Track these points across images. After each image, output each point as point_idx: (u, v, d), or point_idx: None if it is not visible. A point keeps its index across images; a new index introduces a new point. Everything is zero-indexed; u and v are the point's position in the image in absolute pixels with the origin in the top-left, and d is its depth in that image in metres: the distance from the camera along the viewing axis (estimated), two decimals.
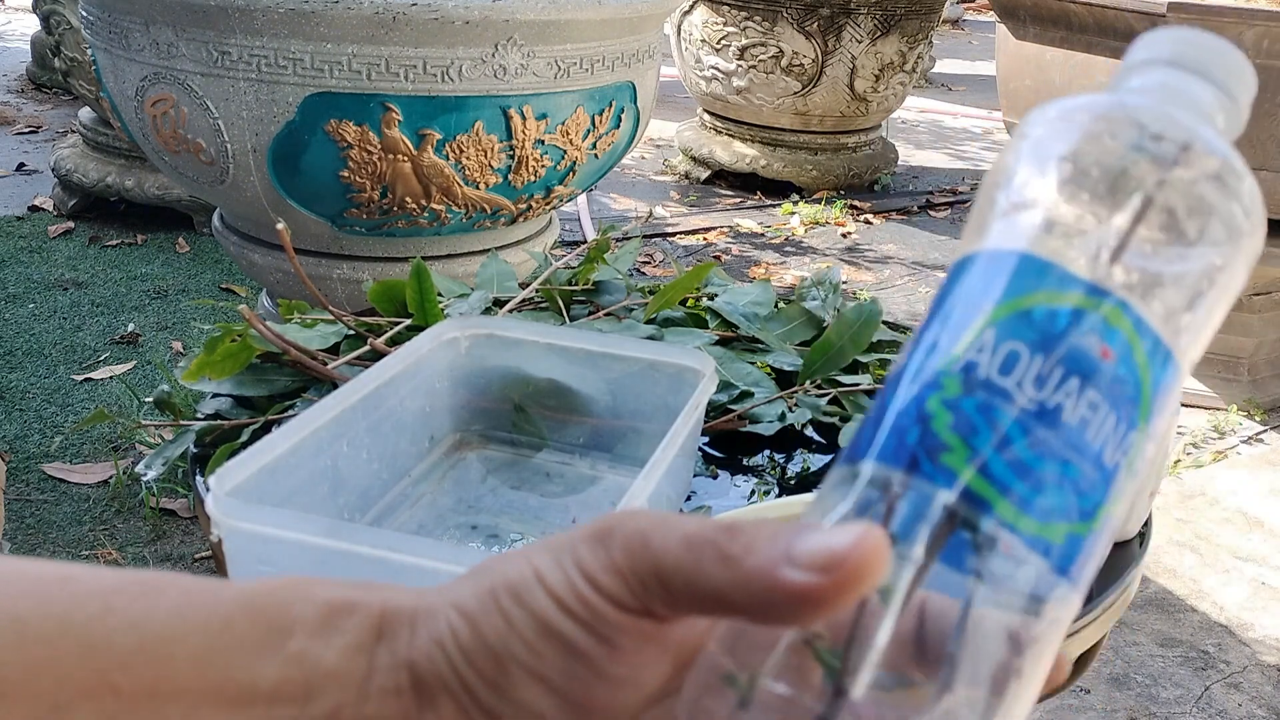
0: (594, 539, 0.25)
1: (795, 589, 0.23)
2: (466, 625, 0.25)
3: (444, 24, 1.56)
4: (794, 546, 0.23)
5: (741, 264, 3.00)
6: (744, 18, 3.44)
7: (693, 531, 0.24)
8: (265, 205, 1.72)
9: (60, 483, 1.83)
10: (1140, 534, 0.84)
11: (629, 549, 0.25)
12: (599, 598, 0.25)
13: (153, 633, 0.26)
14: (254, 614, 0.26)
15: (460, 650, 0.25)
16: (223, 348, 0.84)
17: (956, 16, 7.70)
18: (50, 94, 4.28)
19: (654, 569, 0.24)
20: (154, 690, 0.25)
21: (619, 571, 0.25)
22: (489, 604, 0.25)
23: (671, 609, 0.25)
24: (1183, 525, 1.95)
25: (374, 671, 0.26)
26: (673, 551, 0.24)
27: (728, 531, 0.24)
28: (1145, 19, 2.11)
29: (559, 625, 0.25)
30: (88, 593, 0.26)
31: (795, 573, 0.23)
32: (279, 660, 0.26)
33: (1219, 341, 2.38)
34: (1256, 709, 1.53)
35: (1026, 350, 0.24)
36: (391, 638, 0.26)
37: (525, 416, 0.82)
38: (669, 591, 0.24)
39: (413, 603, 0.27)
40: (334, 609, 0.26)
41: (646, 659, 0.26)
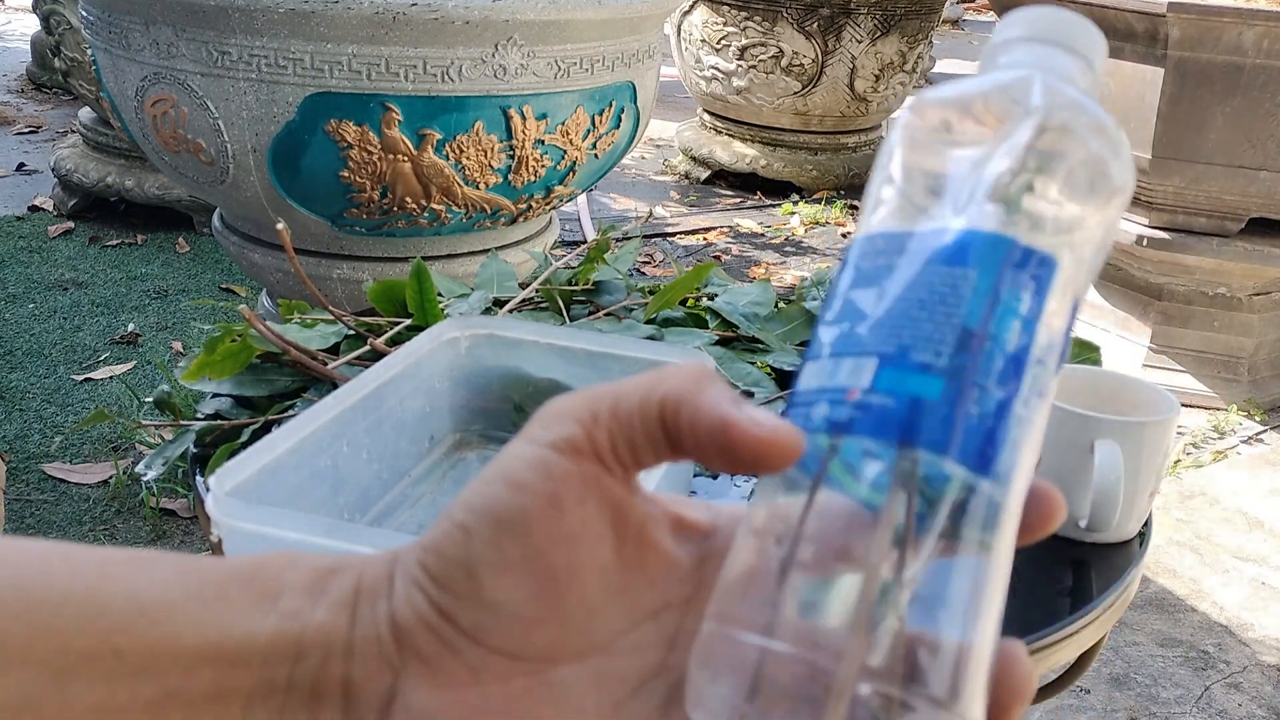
0: (542, 412, 0.28)
1: (734, 423, 0.26)
2: (431, 554, 0.27)
3: (444, 24, 1.56)
4: (746, 407, 0.26)
5: (741, 264, 3.00)
6: (744, 18, 3.44)
7: (647, 375, 0.27)
8: (265, 205, 1.72)
9: (60, 483, 1.83)
10: (1140, 534, 0.84)
11: (587, 394, 0.27)
12: (546, 450, 0.26)
13: (151, 598, 0.27)
14: (246, 580, 0.27)
15: (432, 580, 0.26)
16: (223, 348, 0.84)
17: (956, 16, 7.70)
18: (50, 94, 4.29)
19: (611, 396, 0.27)
20: (154, 651, 0.26)
21: (571, 415, 0.27)
22: (445, 525, 0.27)
23: (616, 440, 0.27)
24: (1183, 525, 1.95)
25: (356, 626, 0.27)
26: (633, 382, 0.27)
27: (691, 363, 0.27)
28: (1145, 19, 2.11)
29: (507, 502, 0.26)
30: (87, 564, 0.27)
31: (740, 415, 0.26)
32: (272, 620, 0.27)
33: (1219, 341, 2.38)
34: (1256, 709, 1.53)
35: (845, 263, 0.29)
36: (372, 594, 0.27)
37: (525, 416, 0.82)
38: (619, 417, 0.27)
39: (388, 557, 0.28)
40: (320, 573, 0.28)
41: (589, 513, 0.27)
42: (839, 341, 0.27)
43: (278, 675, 0.26)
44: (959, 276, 0.27)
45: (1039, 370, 0.27)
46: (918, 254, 0.27)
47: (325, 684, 0.27)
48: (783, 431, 0.26)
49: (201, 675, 0.26)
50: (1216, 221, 2.26)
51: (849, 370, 0.27)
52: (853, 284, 0.28)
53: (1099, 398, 0.84)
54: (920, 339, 0.26)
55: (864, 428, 0.26)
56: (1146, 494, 0.82)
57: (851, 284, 0.28)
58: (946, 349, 0.26)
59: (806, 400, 0.27)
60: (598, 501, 0.27)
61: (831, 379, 0.27)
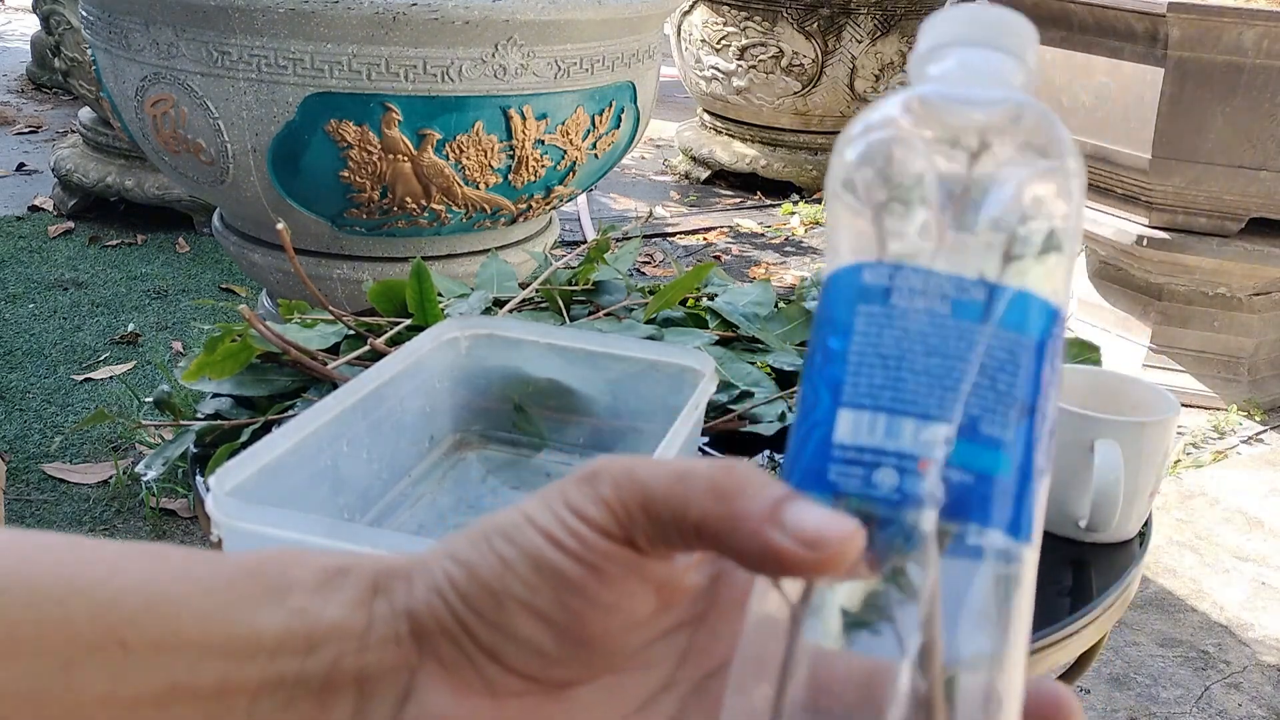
0: (581, 480, 0.27)
1: (775, 548, 0.24)
2: (463, 570, 0.27)
3: (444, 24, 1.56)
4: (786, 512, 0.25)
5: (741, 264, 3.00)
6: (744, 18, 3.44)
7: (682, 466, 0.26)
8: (265, 205, 1.72)
9: (60, 483, 1.83)
10: (1140, 534, 0.84)
11: (616, 483, 0.26)
12: (586, 528, 0.26)
13: (158, 592, 0.27)
14: (254, 575, 0.28)
15: (458, 594, 0.26)
16: (223, 348, 0.84)
17: None
18: (50, 94, 4.29)
19: (641, 498, 0.26)
20: (160, 644, 0.26)
21: (606, 503, 0.26)
22: (483, 547, 0.27)
23: (653, 540, 0.26)
24: (1183, 525, 1.95)
25: (373, 621, 0.27)
26: (662, 482, 0.26)
27: (723, 469, 0.26)
28: (1145, 19, 2.11)
29: (550, 558, 0.26)
30: (95, 558, 0.27)
31: (780, 536, 0.24)
32: (280, 615, 0.27)
33: (1219, 341, 2.38)
34: (1256, 709, 1.53)
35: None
36: (388, 592, 0.27)
37: (525, 416, 0.82)
38: (653, 520, 0.26)
39: (407, 561, 0.28)
40: (329, 571, 0.28)
41: (632, 588, 0.27)
42: (887, 392, 0.26)
43: (286, 669, 0.27)
44: (1016, 343, 0.27)
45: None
46: (956, 301, 0.26)
47: (338, 677, 0.27)
48: (834, 545, 0.24)
49: (207, 668, 0.26)
50: (1216, 221, 2.26)
51: (912, 434, 0.26)
52: (884, 320, 0.27)
53: (1099, 398, 0.84)
54: (987, 410, 0.26)
55: (946, 504, 0.25)
56: (1146, 494, 0.82)
57: (883, 320, 0.27)
58: (1012, 423, 0.26)
59: (860, 458, 0.26)
60: (640, 578, 0.27)
61: (892, 439, 0.26)
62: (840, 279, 0.28)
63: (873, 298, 0.27)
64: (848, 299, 0.28)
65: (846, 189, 0.28)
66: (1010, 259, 0.27)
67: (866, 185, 0.28)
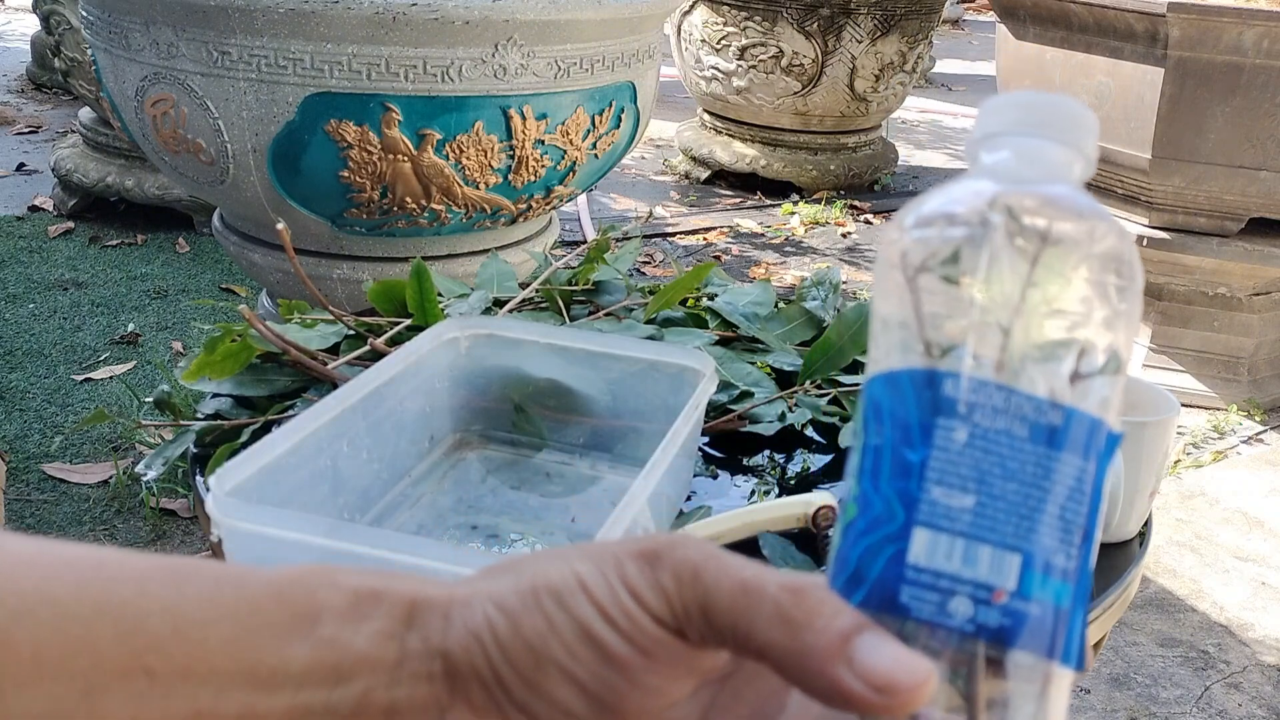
0: (642, 558, 0.26)
1: (844, 690, 0.24)
2: (506, 621, 0.26)
3: (444, 24, 1.56)
4: (856, 648, 0.24)
5: (741, 264, 3.00)
6: (744, 18, 3.44)
7: (751, 579, 0.25)
8: (265, 205, 1.72)
9: (60, 483, 1.83)
10: (1140, 534, 0.84)
11: (678, 576, 0.26)
12: (642, 613, 0.26)
13: (185, 616, 0.26)
14: (281, 600, 0.27)
15: (498, 644, 0.26)
16: (223, 348, 0.84)
17: (956, 16, 7.70)
18: (50, 94, 4.28)
19: (701, 602, 0.25)
20: (187, 672, 0.26)
21: (665, 593, 0.26)
22: (530, 603, 0.26)
23: (707, 642, 0.26)
24: (1183, 525, 1.95)
25: (406, 657, 0.26)
26: (726, 592, 0.25)
27: (791, 593, 0.25)
28: (1145, 19, 2.11)
29: (600, 632, 0.25)
30: (122, 577, 0.27)
31: (850, 678, 0.24)
32: (309, 644, 0.26)
33: (1219, 341, 2.38)
34: (1256, 709, 1.53)
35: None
36: (423, 626, 0.27)
37: (525, 416, 0.82)
38: (712, 627, 0.25)
39: (445, 593, 0.27)
40: (361, 596, 0.27)
41: (678, 673, 0.26)
42: (966, 516, 0.26)
43: (314, 700, 0.26)
44: (1083, 471, 0.27)
45: None
46: (1034, 425, 0.26)
47: (367, 710, 0.26)
48: (903, 689, 0.24)
49: (233, 697, 0.26)
50: (1216, 221, 2.26)
51: (989, 563, 0.25)
52: (965, 439, 0.26)
53: None
54: (1055, 540, 0.26)
55: (1012, 635, 0.25)
56: (1146, 494, 0.82)
57: (963, 438, 0.26)
58: (1075, 552, 0.26)
59: (936, 583, 0.25)
60: (687, 667, 0.27)
61: (969, 567, 0.25)
62: (913, 381, 0.27)
63: (953, 412, 0.26)
64: (924, 407, 0.27)
65: (918, 271, 0.28)
66: (1077, 379, 0.27)
67: (940, 276, 0.27)
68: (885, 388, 0.28)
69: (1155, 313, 2.41)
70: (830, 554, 0.28)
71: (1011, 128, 0.29)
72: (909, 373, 0.27)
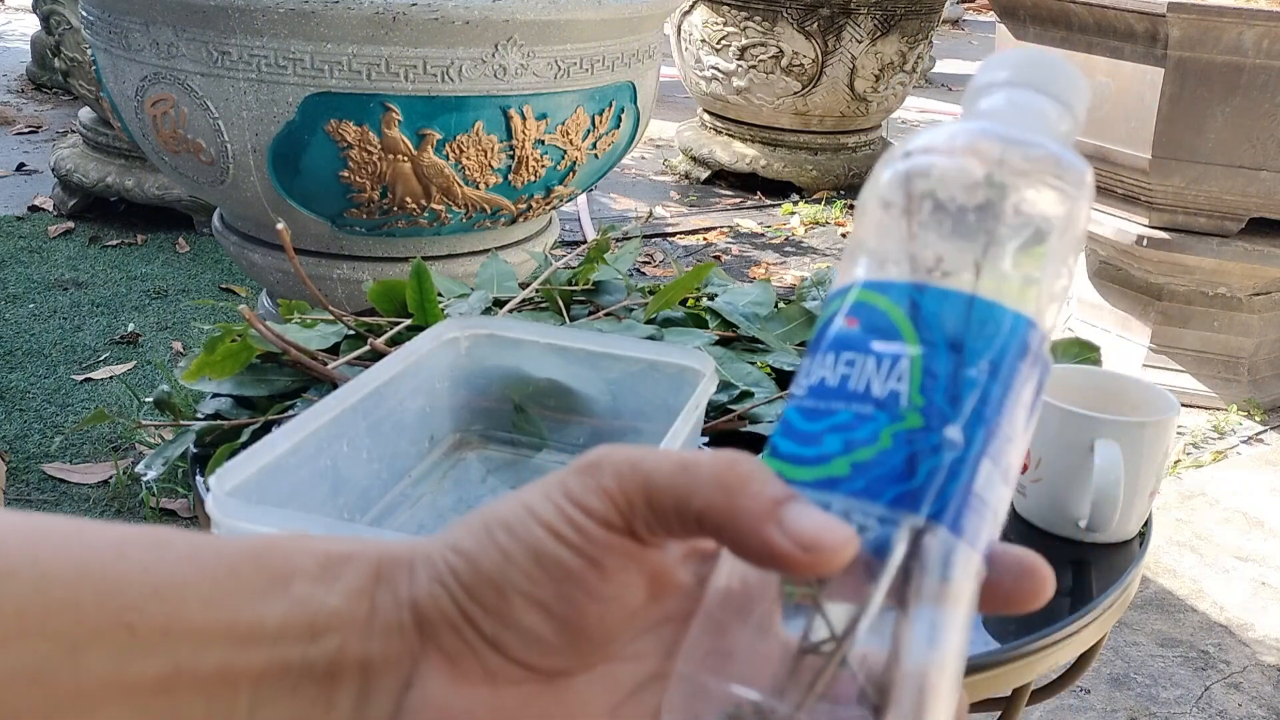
0: (583, 469, 0.28)
1: (774, 547, 0.26)
2: (465, 562, 0.27)
3: (444, 24, 1.56)
4: (785, 510, 0.26)
5: (741, 264, 3.00)
6: (744, 18, 3.44)
7: (686, 456, 0.27)
8: (265, 205, 1.72)
9: (60, 483, 1.83)
10: (1140, 534, 0.84)
11: (618, 473, 0.27)
12: (589, 520, 0.27)
13: (164, 576, 0.27)
14: (257, 562, 0.28)
15: (461, 586, 0.27)
16: (223, 348, 0.84)
17: (956, 16, 7.70)
18: (50, 94, 4.29)
19: (643, 488, 0.27)
20: (166, 629, 0.27)
21: (607, 493, 0.27)
22: (485, 540, 0.27)
23: (652, 528, 0.27)
24: (1183, 525, 1.95)
25: (376, 611, 0.27)
26: (666, 473, 0.27)
27: (727, 463, 0.27)
28: (1145, 19, 2.11)
29: (552, 551, 0.27)
30: (102, 541, 0.28)
31: (780, 536, 0.26)
32: (284, 603, 0.27)
33: (1219, 341, 2.38)
34: (1256, 709, 1.53)
35: (844, 324, 0.29)
36: (391, 581, 0.28)
37: (525, 416, 0.82)
38: (655, 510, 0.27)
39: (408, 549, 0.28)
40: (331, 558, 0.28)
41: (630, 579, 0.28)
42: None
43: (290, 655, 0.27)
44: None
45: None
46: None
47: (343, 665, 0.27)
48: (828, 549, 0.26)
49: (211, 654, 0.27)
50: (1216, 221, 2.26)
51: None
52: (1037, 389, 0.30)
53: (1099, 398, 0.84)
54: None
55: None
56: (1146, 494, 0.82)
57: (1036, 388, 0.30)
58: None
59: None
60: (638, 568, 0.28)
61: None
62: (1015, 325, 0.29)
63: (1036, 365, 0.29)
64: (1015, 351, 0.28)
65: (908, 196, 0.30)
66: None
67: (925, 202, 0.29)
68: (871, 291, 0.30)
69: (1155, 313, 2.41)
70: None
71: (1010, 80, 0.31)
72: (1016, 317, 0.29)
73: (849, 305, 0.29)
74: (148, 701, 0.27)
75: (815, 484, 0.27)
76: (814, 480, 0.27)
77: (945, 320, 0.28)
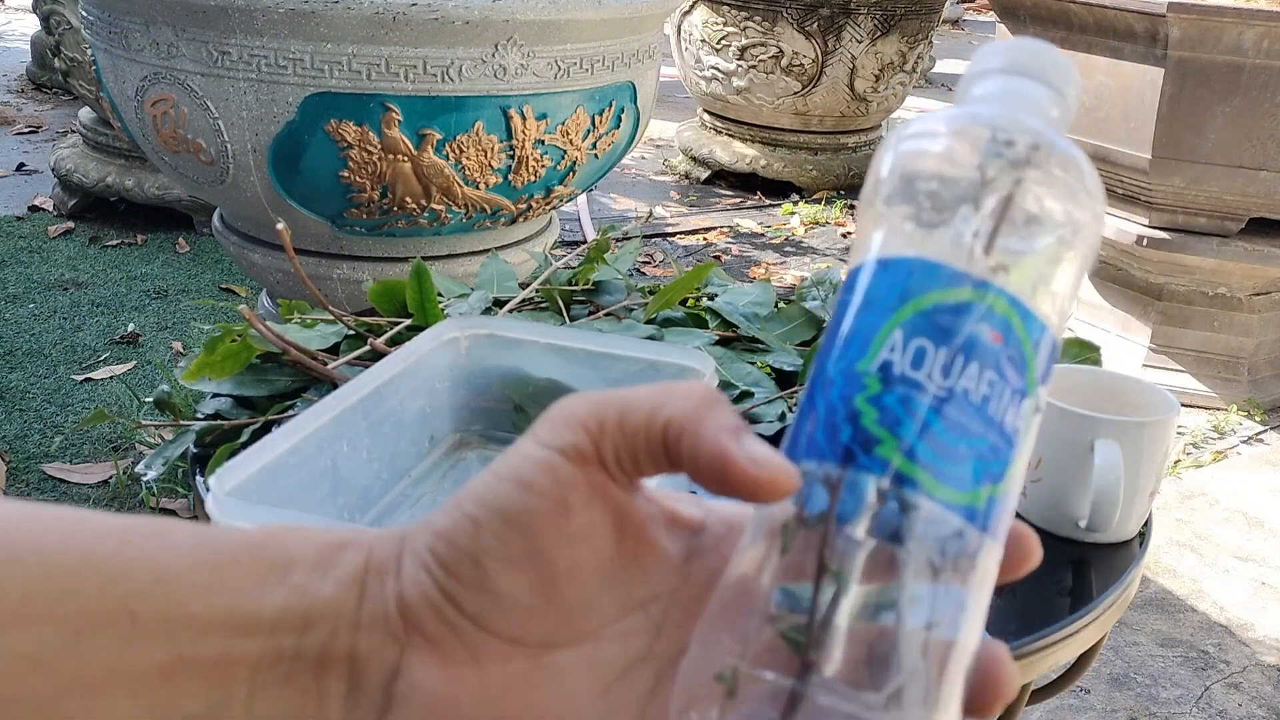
0: (553, 410, 0.29)
1: (730, 455, 0.27)
2: (442, 541, 0.28)
3: (444, 24, 1.56)
4: (746, 437, 0.27)
5: (741, 264, 3.00)
6: (744, 18, 3.44)
7: (662, 386, 0.28)
8: (265, 205, 1.72)
9: (60, 483, 1.83)
10: (1140, 534, 0.84)
11: (590, 400, 0.28)
12: (555, 455, 0.28)
13: (166, 566, 0.28)
14: (257, 552, 0.29)
15: (440, 565, 0.28)
16: (223, 348, 0.84)
17: (956, 16, 7.70)
18: (50, 94, 4.29)
19: (617, 409, 0.28)
20: (167, 617, 0.27)
21: (580, 421, 0.28)
22: (457, 515, 0.28)
23: (621, 452, 0.28)
24: (1183, 525, 1.95)
25: (365, 600, 0.28)
26: (643, 394, 0.28)
27: (699, 386, 0.28)
28: (1145, 19, 2.11)
29: (517, 502, 0.27)
30: (106, 531, 0.28)
31: (737, 447, 0.27)
32: (281, 592, 0.28)
33: (1219, 341, 2.38)
34: (1256, 709, 1.53)
35: (930, 344, 0.28)
36: (380, 570, 0.28)
37: (525, 416, 0.82)
38: (625, 430, 0.28)
39: (399, 537, 0.29)
40: (329, 548, 0.29)
41: (594, 517, 0.28)
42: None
43: (284, 645, 0.27)
44: None
45: None
46: None
47: (332, 655, 0.28)
48: (777, 471, 0.27)
49: (210, 642, 0.27)
50: (1216, 221, 2.26)
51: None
52: None
53: (1099, 398, 0.84)
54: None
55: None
56: (1146, 494, 0.82)
57: None
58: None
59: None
60: (602, 506, 0.28)
61: None
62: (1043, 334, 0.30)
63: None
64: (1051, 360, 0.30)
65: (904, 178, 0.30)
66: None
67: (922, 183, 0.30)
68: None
69: (1155, 313, 2.41)
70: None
71: (1003, 67, 0.32)
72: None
73: (988, 309, 0.29)
74: (148, 688, 0.27)
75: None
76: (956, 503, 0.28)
77: (1046, 355, 0.30)
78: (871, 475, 0.27)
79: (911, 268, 0.29)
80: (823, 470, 0.28)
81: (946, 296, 0.28)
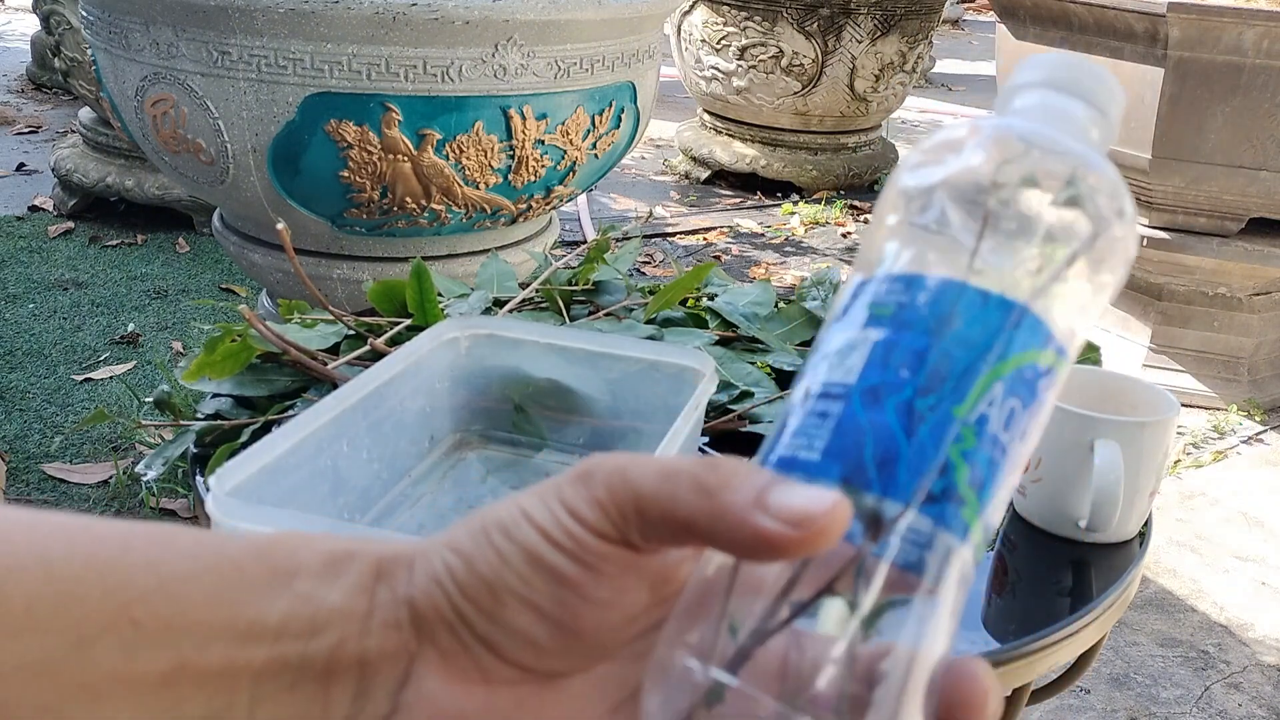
0: (576, 479, 0.28)
1: (764, 534, 0.25)
2: (461, 562, 0.27)
3: (444, 24, 1.56)
4: (769, 495, 0.25)
5: (741, 264, 3.00)
6: (744, 18, 3.44)
7: (669, 465, 0.27)
8: (265, 205, 1.72)
9: (60, 483, 1.83)
10: (1140, 534, 0.84)
11: (609, 484, 0.27)
12: (582, 529, 0.27)
13: (169, 572, 0.28)
14: (261, 559, 0.28)
15: (457, 585, 0.27)
16: (223, 348, 0.84)
17: (956, 16, 7.70)
18: (50, 94, 4.29)
19: (633, 499, 0.27)
20: (170, 624, 0.27)
21: (600, 504, 0.27)
22: (481, 541, 0.27)
23: (647, 537, 0.27)
24: (1183, 525, 1.95)
25: (375, 608, 0.28)
26: (650, 482, 0.26)
27: (707, 467, 0.27)
28: (1145, 19, 2.11)
29: (547, 556, 0.27)
30: (109, 537, 0.28)
31: (768, 521, 0.25)
32: (286, 599, 0.27)
33: (1219, 341, 2.38)
34: (1256, 709, 1.53)
35: (1020, 406, 0.28)
36: (390, 578, 0.28)
37: (525, 416, 0.82)
38: (645, 520, 0.26)
39: (410, 548, 0.29)
40: (335, 556, 0.28)
41: (628, 584, 0.27)
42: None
43: (289, 652, 0.27)
44: None
45: None
46: None
47: (340, 662, 0.27)
48: (823, 520, 0.25)
49: (213, 649, 0.27)
50: (1216, 221, 2.26)
51: None
52: None
53: (1099, 398, 0.84)
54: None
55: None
56: (1146, 494, 0.82)
57: None
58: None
59: None
60: (637, 575, 0.28)
61: None
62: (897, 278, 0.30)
63: None
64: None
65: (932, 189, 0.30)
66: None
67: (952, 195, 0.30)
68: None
69: (1155, 313, 2.41)
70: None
71: (1045, 82, 0.31)
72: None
73: (1053, 372, 0.29)
74: (152, 695, 0.27)
75: None
76: None
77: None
78: (954, 536, 0.26)
79: (1010, 316, 0.28)
80: (902, 515, 0.26)
81: (1039, 359, 0.28)
